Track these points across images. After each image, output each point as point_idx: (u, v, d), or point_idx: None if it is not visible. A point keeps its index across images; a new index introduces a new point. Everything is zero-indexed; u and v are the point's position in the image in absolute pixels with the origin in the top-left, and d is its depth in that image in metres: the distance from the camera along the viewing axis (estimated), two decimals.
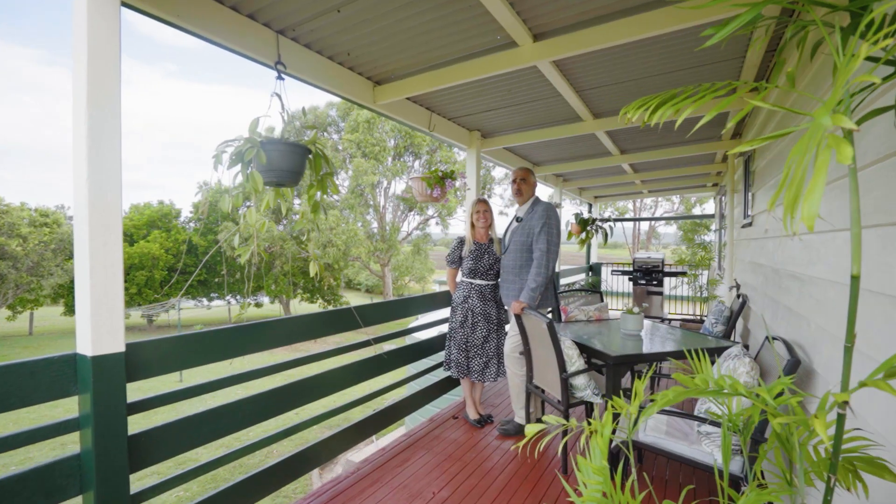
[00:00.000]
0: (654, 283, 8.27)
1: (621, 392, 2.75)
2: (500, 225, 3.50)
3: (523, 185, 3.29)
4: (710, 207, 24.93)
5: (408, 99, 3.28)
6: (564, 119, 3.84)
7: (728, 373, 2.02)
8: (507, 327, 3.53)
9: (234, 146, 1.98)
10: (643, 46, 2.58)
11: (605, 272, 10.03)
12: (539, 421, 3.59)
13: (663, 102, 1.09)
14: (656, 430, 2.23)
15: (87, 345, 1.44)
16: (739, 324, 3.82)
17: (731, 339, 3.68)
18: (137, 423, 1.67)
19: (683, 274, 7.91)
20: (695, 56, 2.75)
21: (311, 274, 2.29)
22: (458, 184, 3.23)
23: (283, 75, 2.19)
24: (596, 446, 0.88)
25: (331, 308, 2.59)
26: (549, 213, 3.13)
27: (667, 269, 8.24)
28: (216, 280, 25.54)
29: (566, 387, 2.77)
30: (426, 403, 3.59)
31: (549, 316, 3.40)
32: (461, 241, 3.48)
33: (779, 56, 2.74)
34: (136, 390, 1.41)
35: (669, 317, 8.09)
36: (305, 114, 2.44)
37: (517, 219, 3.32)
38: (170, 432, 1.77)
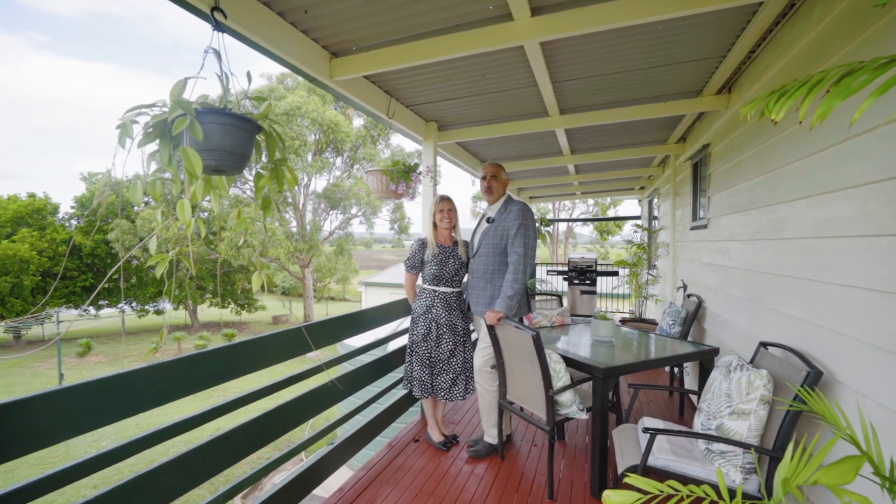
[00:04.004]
0: (588, 282, 8.51)
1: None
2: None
3: (494, 182, 2.99)
4: (623, 209, 26.94)
5: (366, 78, 2.82)
6: (530, 113, 3.62)
7: (745, 386, 1.89)
8: (475, 338, 3.22)
9: (151, 113, 1.43)
10: (631, 36, 2.41)
11: (539, 272, 10.18)
12: (510, 438, 3.35)
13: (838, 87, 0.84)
14: (660, 451, 2.04)
15: None
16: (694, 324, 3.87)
17: (687, 340, 3.71)
18: None
19: (615, 273, 8.21)
20: (675, 53, 2.65)
21: (255, 289, 1.77)
22: (422, 168, 2.83)
23: (221, 27, 1.65)
24: None
25: (277, 331, 2.07)
26: (526, 213, 2.86)
27: (600, 269, 8.52)
28: (106, 286, 22.30)
29: (552, 404, 2.51)
30: (389, 425, 3.16)
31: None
32: (423, 244, 3.09)
33: (753, 60, 2.73)
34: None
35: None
36: (250, 79, 1.87)
37: (488, 219, 3.01)
38: None
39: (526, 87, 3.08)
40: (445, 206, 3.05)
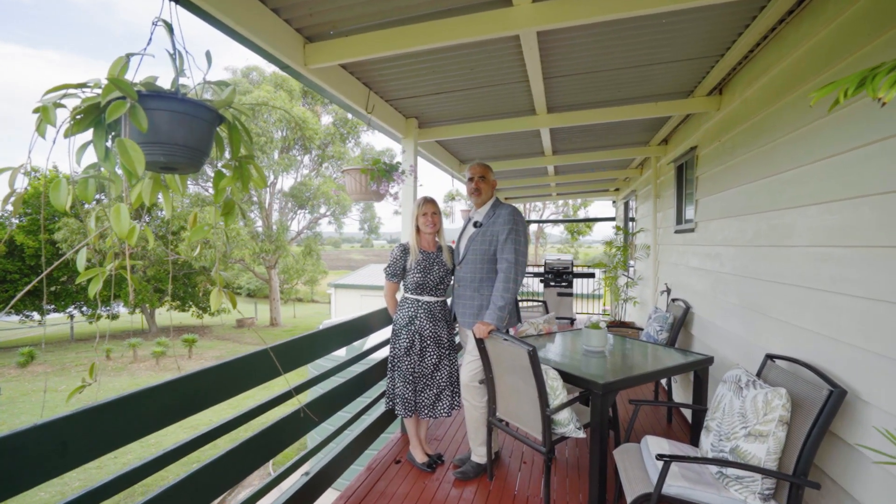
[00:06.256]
0: (564, 283, 8.46)
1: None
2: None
3: (482, 183, 2.79)
4: (593, 210, 27.39)
5: (344, 67, 2.55)
6: (517, 111, 3.43)
7: (762, 405, 1.75)
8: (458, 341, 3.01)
9: (82, 96, 1.14)
10: (632, 29, 2.26)
11: None
12: (498, 455, 3.17)
13: None
14: (671, 476, 1.89)
15: None
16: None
17: (674, 347, 3.62)
18: None
19: (591, 275, 8.19)
20: (671, 50, 2.52)
21: (214, 309, 1.48)
22: (405, 167, 2.60)
23: None
24: None
25: (238, 356, 1.79)
26: (516, 217, 2.67)
27: (576, 271, 8.49)
28: (53, 289, 20.79)
29: (548, 424, 2.33)
30: (368, 446, 2.90)
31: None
32: (405, 250, 2.86)
33: (746, 62, 2.64)
34: None
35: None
36: (210, 61, 1.58)
37: (475, 223, 2.81)
38: None
39: (515, 83, 2.89)
40: (430, 209, 2.83)
